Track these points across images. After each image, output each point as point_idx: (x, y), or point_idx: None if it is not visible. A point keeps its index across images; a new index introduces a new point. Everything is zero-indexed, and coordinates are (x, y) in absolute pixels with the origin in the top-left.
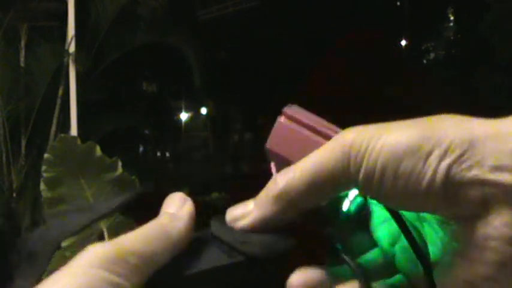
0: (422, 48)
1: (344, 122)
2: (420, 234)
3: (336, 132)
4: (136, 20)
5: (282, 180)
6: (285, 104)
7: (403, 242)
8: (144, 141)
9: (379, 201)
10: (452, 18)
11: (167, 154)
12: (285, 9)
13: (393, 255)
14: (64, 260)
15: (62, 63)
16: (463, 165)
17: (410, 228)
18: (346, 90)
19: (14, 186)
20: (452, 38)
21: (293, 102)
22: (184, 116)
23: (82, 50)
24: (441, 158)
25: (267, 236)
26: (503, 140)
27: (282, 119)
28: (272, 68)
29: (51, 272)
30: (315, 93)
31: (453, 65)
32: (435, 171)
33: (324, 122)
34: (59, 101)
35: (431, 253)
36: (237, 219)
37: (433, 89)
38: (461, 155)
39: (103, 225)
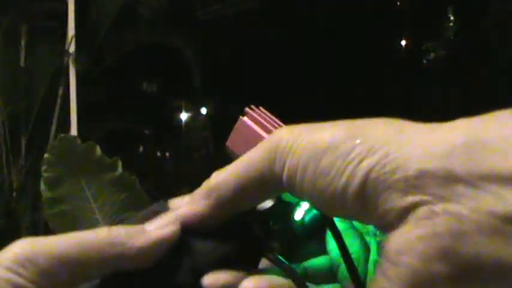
0: (423, 48)
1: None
2: (366, 245)
3: None
4: (136, 20)
5: (215, 177)
6: (284, 103)
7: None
8: (144, 141)
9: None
10: (452, 18)
11: (167, 154)
12: (285, 9)
13: (338, 266)
14: None
15: (62, 63)
16: (386, 168)
17: (355, 239)
18: None
19: (14, 186)
20: (452, 38)
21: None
22: (184, 116)
23: (82, 50)
24: (363, 157)
25: (202, 240)
26: (433, 142)
27: (243, 118)
28: (272, 68)
29: None
30: None
31: (453, 65)
32: (354, 171)
33: (281, 125)
34: (59, 101)
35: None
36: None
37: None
38: (385, 156)
39: (103, 225)
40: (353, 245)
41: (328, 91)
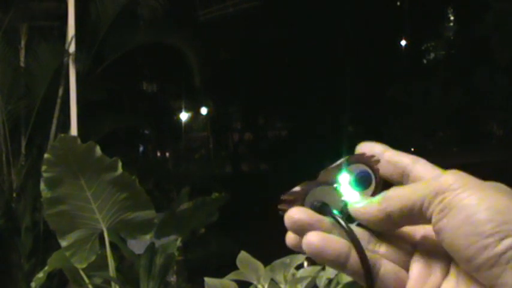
0: (422, 48)
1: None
2: None
3: None
4: (136, 20)
5: (392, 191)
6: (284, 103)
7: None
8: (144, 141)
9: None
10: (452, 18)
11: (167, 154)
12: (285, 9)
13: None
14: (64, 260)
15: (62, 63)
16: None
17: None
18: None
19: (14, 186)
20: (452, 38)
21: None
22: (184, 116)
23: (82, 50)
24: (505, 236)
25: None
26: None
27: None
28: (272, 68)
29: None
30: None
31: (453, 65)
32: (494, 243)
33: None
34: (59, 101)
35: None
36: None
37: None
38: None
39: (103, 225)
40: None
41: (328, 90)
